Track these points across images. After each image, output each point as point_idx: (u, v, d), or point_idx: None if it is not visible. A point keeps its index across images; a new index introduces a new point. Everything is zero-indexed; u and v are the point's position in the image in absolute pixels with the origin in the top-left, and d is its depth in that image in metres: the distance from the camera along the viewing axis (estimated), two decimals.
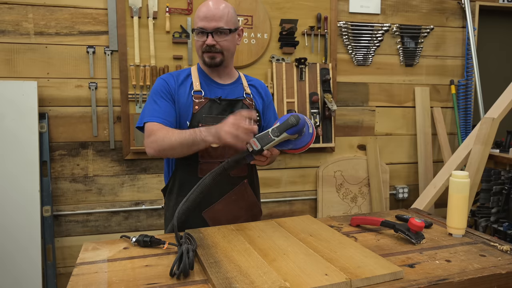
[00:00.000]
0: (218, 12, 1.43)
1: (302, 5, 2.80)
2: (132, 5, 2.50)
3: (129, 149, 2.56)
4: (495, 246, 1.20)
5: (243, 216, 1.55)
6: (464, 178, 1.28)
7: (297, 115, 1.21)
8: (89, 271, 1.03)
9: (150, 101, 1.47)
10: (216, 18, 1.42)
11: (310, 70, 2.82)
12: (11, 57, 2.39)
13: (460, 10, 3.15)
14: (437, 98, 3.18)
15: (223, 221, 1.46)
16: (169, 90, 1.47)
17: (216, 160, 1.45)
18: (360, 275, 0.95)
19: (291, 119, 1.19)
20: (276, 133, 1.20)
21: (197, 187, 1.21)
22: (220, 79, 1.55)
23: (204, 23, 1.43)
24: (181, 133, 1.34)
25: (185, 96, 1.48)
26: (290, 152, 1.30)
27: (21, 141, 2.33)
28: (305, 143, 1.26)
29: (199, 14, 1.44)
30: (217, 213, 1.49)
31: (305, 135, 1.25)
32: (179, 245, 1.09)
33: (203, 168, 1.46)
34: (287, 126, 1.20)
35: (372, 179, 3.02)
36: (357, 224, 1.39)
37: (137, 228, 2.66)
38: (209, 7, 1.43)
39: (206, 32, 1.43)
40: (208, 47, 1.45)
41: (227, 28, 1.45)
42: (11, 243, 2.30)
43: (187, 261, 0.99)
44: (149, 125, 1.42)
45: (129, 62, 2.53)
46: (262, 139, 1.21)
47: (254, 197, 1.59)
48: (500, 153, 2.63)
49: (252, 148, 1.21)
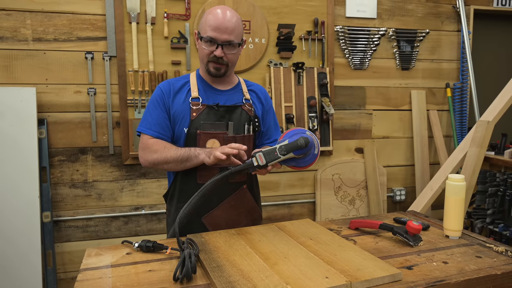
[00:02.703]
0: (230, 25, 1.42)
1: (299, 10, 2.83)
2: (130, 11, 2.52)
3: (128, 154, 2.57)
4: (490, 247, 1.23)
5: (243, 221, 1.55)
6: (460, 181, 1.31)
7: (306, 138, 1.22)
8: (93, 277, 1.04)
9: (147, 110, 1.51)
10: (228, 31, 1.42)
11: (307, 75, 2.85)
12: (9, 63, 2.40)
13: (455, 14, 3.19)
14: (433, 101, 3.22)
15: (222, 226, 1.48)
16: (163, 99, 1.49)
17: (214, 166, 1.46)
18: (359, 278, 0.97)
19: (301, 141, 1.20)
20: (283, 151, 1.22)
21: (198, 193, 1.23)
22: (220, 85, 1.56)
23: (215, 34, 1.41)
24: (176, 149, 1.42)
25: (182, 103, 1.49)
26: (291, 167, 1.31)
27: (21, 147, 2.34)
28: (308, 163, 1.27)
29: (211, 23, 1.42)
30: (216, 218, 1.50)
31: (310, 155, 1.26)
32: (182, 250, 1.10)
33: (202, 174, 1.48)
34: (296, 147, 1.21)
35: (370, 181, 3.04)
36: (356, 227, 1.41)
37: (137, 233, 2.67)
38: (222, 18, 1.41)
39: (216, 43, 1.43)
40: (215, 58, 1.45)
41: (237, 43, 1.46)
42: (12, 249, 2.31)
43: (189, 266, 1.00)
44: (144, 138, 1.49)
45: (127, 68, 2.54)
46: (268, 155, 1.23)
47: (253, 202, 1.60)
48: (495, 156, 2.67)
49: (258, 162, 1.23)
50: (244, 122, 1.53)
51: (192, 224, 1.45)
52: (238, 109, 1.53)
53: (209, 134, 1.47)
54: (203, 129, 1.46)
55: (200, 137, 1.46)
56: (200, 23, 1.48)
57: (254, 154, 1.25)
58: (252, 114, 1.56)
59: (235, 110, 1.53)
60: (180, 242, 1.14)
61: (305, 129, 1.32)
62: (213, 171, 1.44)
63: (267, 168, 1.26)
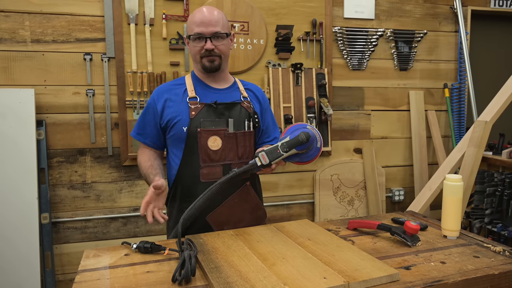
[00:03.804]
0: (214, 18, 1.46)
1: (298, 11, 2.84)
2: (129, 12, 2.52)
3: (127, 155, 2.57)
4: (488, 247, 1.23)
5: (247, 219, 1.55)
6: (458, 181, 1.31)
7: (307, 132, 1.22)
8: (91, 278, 1.04)
9: (141, 115, 1.59)
10: (213, 23, 1.46)
11: (306, 75, 2.85)
12: (8, 65, 2.40)
13: (452, 14, 3.20)
14: (431, 102, 3.22)
15: (226, 224, 1.49)
16: (154, 108, 1.52)
17: (217, 163, 1.47)
18: (357, 278, 0.97)
19: (301, 136, 1.20)
20: (285, 148, 1.23)
21: (204, 195, 1.25)
22: (216, 84, 1.57)
23: (201, 29, 1.45)
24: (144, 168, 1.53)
25: (179, 104, 1.50)
26: (296, 163, 1.32)
27: (19, 149, 2.34)
28: (312, 157, 1.28)
29: (195, 20, 1.47)
30: (220, 216, 1.50)
31: (313, 149, 1.27)
32: (181, 251, 1.10)
33: (205, 172, 1.48)
34: (297, 143, 1.22)
35: (369, 182, 3.05)
36: (354, 228, 1.41)
37: (136, 234, 2.67)
38: (204, 13, 1.47)
39: (204, 37, 1.46)
40: (207, 52, 1.47)
41: (224, 32, 1.48)
42: (10, 251, 2.30)
43: (189, 267, 1.00)
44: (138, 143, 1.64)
45: (126, 69, 2.54)
46: (271, 153, 1.23)
47: (257, 199, 1.60)
48: (493, 156, 2.68)
49: (261, 162, 1.24)
50: (244, 118, 1.54)
51: (195, 223, 1.44)
52: (237, 106, 1.54)
53: (209, 132, 1.47)
54: (203, 127, 1.47)
55: (201, 135, 1.47)
56: (187, 26, 1.53)
57: (257, 154, 1.26)
58: (251, 110, 1.56)
59: (234, 107, 1.53)
60: (180, 243, 1.14)
61: (305, 123, 1.32)
62: (216, 169, 1.47)
63: (271, 166, 1.27)
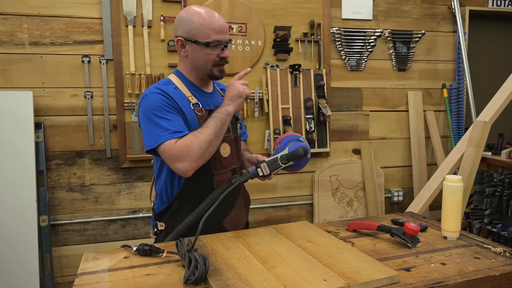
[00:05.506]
0: (226, 24, 1.41)
1: (296, 12, 2.84)
2: (127, 14, 2.52)
3: (125, 158, 2.57)
4: (488, 248, 1.23)
5: (245, 216, 1.59)
6: (457, 182, 1.31)
7: (304, 147, 1.34)
8: (90, 281, 1.03)
9: (157, 119, 1.30)
10: (227, 30, 1.41)
11: (304, 76, 2.85)
12: (6, 67, 2.39)
13: (450, 15, 3.20)
14: (430, 102, 3.23)
15: (239, 225, 1.52)
16: (174, 104, 1.35)
17: (227, 169, 1.46)
18: (358, 280, 0.97)
19: (300, 151, 1.32)
20: (284, 160, 1.35)
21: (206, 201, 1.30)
22: (206, 87, 1.51)
23: (221, 36, 1.38)
24: (206, 127, 1.31)
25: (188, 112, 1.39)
26: (287, 171, 1.44)
27: (18, 151, 2.33)
28: (302, 167, 1.41)
29: (214, 26, 1.36)
30: (235, 219, 1.50)
31: (304, 160, 1.39)
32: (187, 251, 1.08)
33: (219, 179, 1.42)
34: (295, 156, 1.33)
35: (367, 183, 3.05)
36: (354, 229, 1.41)
37: (135, 236, 2.66)
38: (220, 20, 1.39)
39: (223, 44, 1.39)
40: (222, 60, 1.42)
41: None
42: (9, 253, 2.30)
43: (204, 269, 1.00)
44: (169, 146, 1.27)
45: (124, 71, 2.54)
46: (271, 164, 1.35)
47: (248, 194, 1.62)
48: (492, 156, 2.67)
49: (263, 173, 1.35)
50: (234, 121, 1.52)
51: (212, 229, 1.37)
52: None
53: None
54: None
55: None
56: (193, 28, 1.36)
57: (259, 164, 1.35)
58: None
59: None
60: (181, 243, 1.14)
61: (298, 134, 1.44)
62: (227, 175, 1.44)
63: (270, 176, 1.38)
